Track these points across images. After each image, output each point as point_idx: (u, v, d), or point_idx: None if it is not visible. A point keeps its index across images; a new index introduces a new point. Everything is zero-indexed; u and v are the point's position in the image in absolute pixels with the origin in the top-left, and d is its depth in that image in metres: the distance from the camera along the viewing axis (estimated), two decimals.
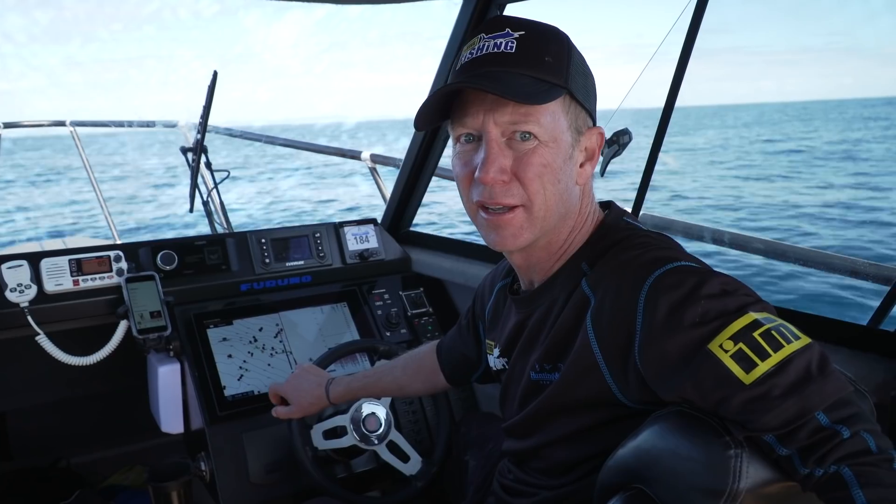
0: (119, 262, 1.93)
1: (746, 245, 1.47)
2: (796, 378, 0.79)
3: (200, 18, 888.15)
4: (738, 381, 0.80)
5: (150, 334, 1.85)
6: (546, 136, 0.98)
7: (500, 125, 0.99)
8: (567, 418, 1.05)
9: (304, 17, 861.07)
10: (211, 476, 1.78)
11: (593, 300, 0.99)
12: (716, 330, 0.84)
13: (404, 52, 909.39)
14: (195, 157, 2.54)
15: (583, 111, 1.03)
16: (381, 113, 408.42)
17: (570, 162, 1.02)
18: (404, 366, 1.59)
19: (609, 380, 0.97)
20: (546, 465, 1.12)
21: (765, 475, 0.79)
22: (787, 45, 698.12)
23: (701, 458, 0.81)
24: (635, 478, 0.89)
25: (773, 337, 0.82)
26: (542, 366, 1.08)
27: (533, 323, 1.12)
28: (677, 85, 1.50)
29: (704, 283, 0.88)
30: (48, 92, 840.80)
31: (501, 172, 0.99)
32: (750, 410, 0.79)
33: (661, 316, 0.88)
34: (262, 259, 2.12)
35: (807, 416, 0.77)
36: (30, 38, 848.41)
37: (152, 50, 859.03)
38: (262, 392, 1.91)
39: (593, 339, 0.97)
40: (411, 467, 1.75)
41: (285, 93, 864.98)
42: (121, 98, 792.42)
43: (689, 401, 0.86)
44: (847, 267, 1.32)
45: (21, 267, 1.81)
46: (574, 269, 1.06)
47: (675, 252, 0.98)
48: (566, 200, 1.03)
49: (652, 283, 0.91)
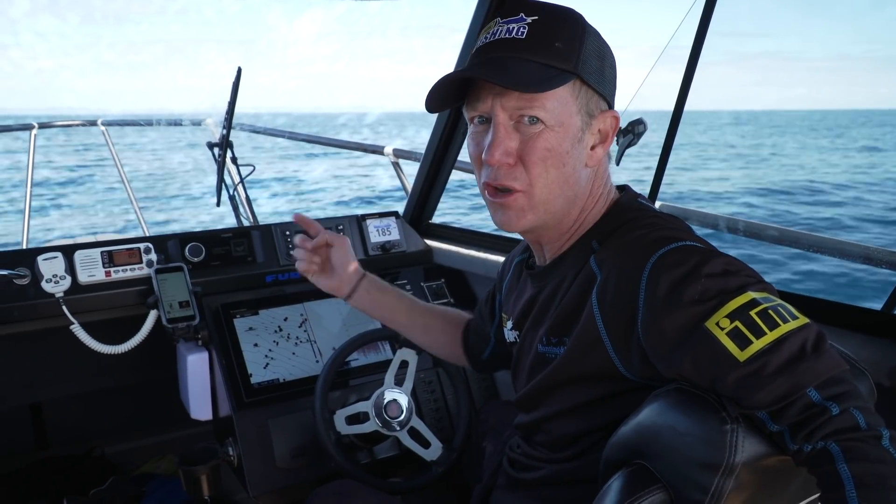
0: (149, 253, 1.98)
1: (761, 233, 1.48)
2: (789, 356, 0.81)
3: (224, 15, 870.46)
4: (732, 359, 0.82)
5: (179, 324, 1.90)
6: (552, 120, 1.01)
7: (507, 109, 1.01)
8: (571, 391, 1.08)
9: (324, 14, 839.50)
10: (238, 461, 1.82)
11: (599, 276, 1.02)
12: (714, 308, 0.86)
13: (423, 45, 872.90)
14: (221, 152, 2.60)
15: (595, 94, 1.05)
16: (402, 105, 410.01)
17: (580, 145, 1.04)
18: (426, 326, 1.56)
19: (612, 354, 0.99)
20: (550, 439, 1.15)
21: (760, 449, 0.81)
22: (826, 52, 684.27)
23: (698, 433, 0.83)
24: (637, 454, 0.92)
25: (770, 316, 0.83)
26: (548, 339, 1.11)
27: (544, 297, 1.14)
28: (689, 80, 1.51)
29: (707, 262, 0.90)
30: (78, 89, 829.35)
31: (506, 155, 1.02)
32: (743, 387, 0.81)
33: (662, 293, 0.90)
34: (287, 251, 2.16)
35: (798, 393, 0.79)
36: (61, 36, 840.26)
37: (178, 47, 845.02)
38: (287, 380, 1.96)
39: (598, 314, 1.00)
40: (432, 453, 1.78)
41: (308, 82, 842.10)
42: (148, 93, 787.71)
43: (687, 378, 0.88)
44: (860, 253, 1.33)
45: (56, 259, 1.88)
46: (584, 246, 1.08)
47: (682, 233, 0.99)
48: (572, 184, 1.05)
49: (655, 261, 0.93)
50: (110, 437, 2.50)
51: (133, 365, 2.00)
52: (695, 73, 1.52)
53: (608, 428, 1.01)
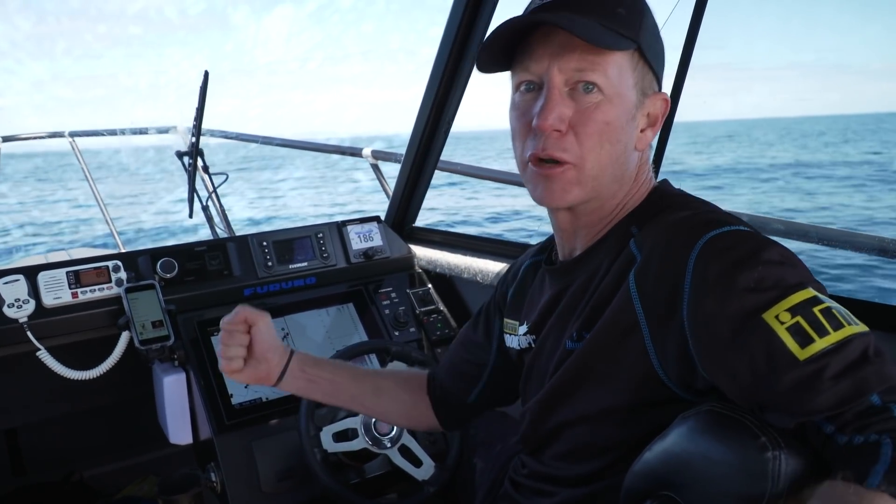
0: (118, 272, 1.89)
1: (765, 227, 1.42)
2: (853, 359, 0.73)
3: (187, 16, 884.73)
4: (791, 356, 0.74)
5: (153, 344, 1.81)
6: (611, 89, 0.93)
7: (564, 72, 0.93)
8: (595, 392, 0.98)
9: (295, 12, 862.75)
10: (222, 487, 1.74)
11: (639, 258, 0.93)
12: (773, 299, 0.77)
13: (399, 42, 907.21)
14: (191, 160, 2.49)
15: (650, 72, 0.99)
16: (371, 129, 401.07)
17: (632, 123, 0.97)
18: (380, 386, 1.35)
19: (648, 343, 0.90)
20: (567, 450, 1.04)
21: (805, 475, 0.73)
22: (777, 62, 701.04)
23: (735, 461, 0.75)
24: (663, 484, 0.83)
25: (834, 315, 0.76)
26: (580, 334, 1.00)
27: (572, 292, 1.04)
28: (678, 92, 1.45)
29: (763, 248, 0.82)
30: (34, 100, 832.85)
31: (560, 121, 0.93)
32: (800, 390, 0.73)
33: (714, 276, 0.82)
34: (265, 262, 2.07)
35: (861, 398, 0.71)
36: (12, 45, 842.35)
37: (139, 51, 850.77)
38: (269, 399, 1.87)
39: (636, 296, 0.91)
40: (424, 472, 1.70)
41: (278, 106, 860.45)
42: (112, 105, 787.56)
43: (726, 380, 0.80)
44: (874, 245, 1.27)
45: (18, 282, 1.77)
46: (622, 232, 1.00)
47: (732, 218, 0.91)
48: (622, 163, 0.98)
49: (706, 243, 0.85)
50: (88, 460, 2.41)
51: (107, 386, 1.91)
52: (683, 83, 1.47)
53: (631, 444, 0.92)
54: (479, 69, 1.02)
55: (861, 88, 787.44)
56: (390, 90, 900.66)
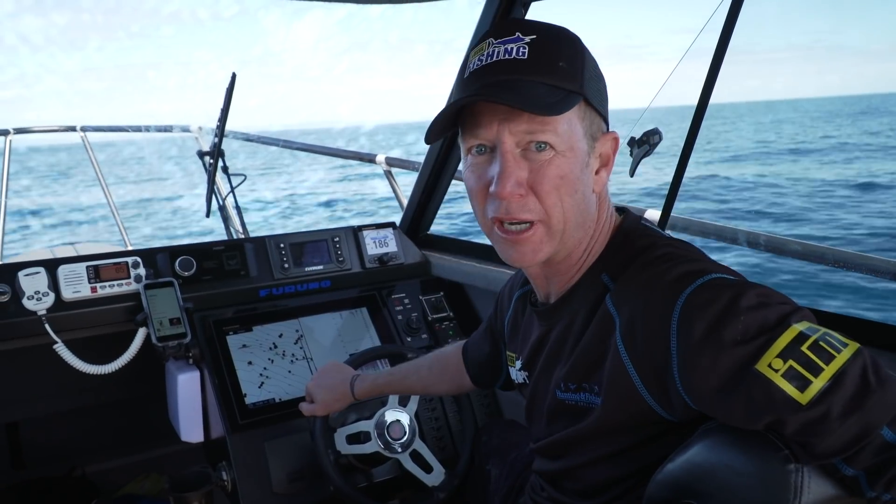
0: (137, 268, 1.90)
1: (783, 247, 1.43)
2: (854, 391, 0.75)
3: (220, 19, 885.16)
4: (793, 402, 0.75)
5: (170, 342, 1.82)
6: (563, 145, 0.94)
7: (515, 135, 0.93)
8: (605, 440, 1.00)
9: (324, 17, 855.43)
10: (233, 485, 1.75)
11: (618, 319, 0.94)
12: (761, 348, 0.79)
13: (424, 53, 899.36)
14: (212, 161, 2.52)
15: (598, 116, 0.99)
16: (399, 116, 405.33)
17: (587, 170, 0.98)
18: (430, 365, 1.58)
19: (651, 402, 0.91)
20: (582, 487, 1.07)
21: (828, 491, 0.75)
22: (774, 44, 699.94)
23: (758, 472, 0.77)
24: (686, 493, 0.85)
25: (822, 348, 0.77)
26: (566, 385, 1.03)
27: (554, 337, 1.07)
28: (711, 84, 1.45)
29: (741, 295, 0.83)
30: (65, 96, 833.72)
31: (518, 186, 0.93)
32: (810, 433, 0.75)
33: (699, 336, 0.83)
34: (281, 264, 2.09)
35: (871, 435, 0.73)
36: (47, 40, 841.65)
37: (171, 52, 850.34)
38: (283, 399, 1.88)
39: (627, 361, 0.92)
40: (434, 478, 1.71)
41: (304, 96, 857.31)
42: (138, 101, 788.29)
43: (740, 423, 0.81)
44: (891, 269, 1.27)
45: (38, 274, 1.79)
46: (594, 280, 1.01)
47: (702, 264, 0.92)
48: (584, 210, 0.99)
49: (685, 302, 0.86)
50: (90, 456, 2.41)
51: (118, 382, 1.92)
52: (720, 70, 1.45)
53: (647, 470, 0.93)
54: (426, 142, 1.03)
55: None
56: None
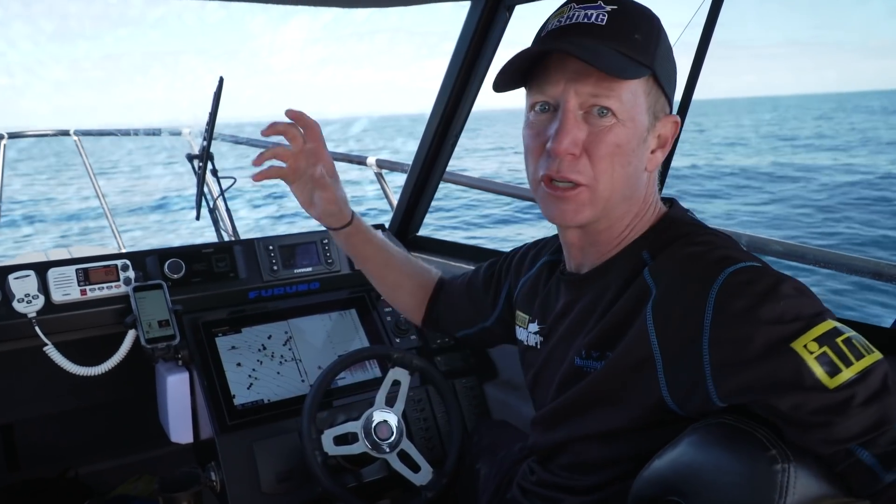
0: (126, 270, 1.91)
1: (765, 247, 1.45)
2: (876, 388, 0.78)
3: (206, 24, 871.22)
4: (820, 385, 0.78)
5: (159, 343, 1.82)
6: (624, 114, 0.96)
7: (580, 96, 0.96)
8: (602, 413, 1.01)
9: (310, 21, 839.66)
10: (222, 486, 1.75)
11: (654, 291, 0.96)
12: (799, 330, 0.82)
13: (411, 52, 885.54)
14: (201, 164, 2.52)
15: (663, 96, 1.01)
16: (387, 110, 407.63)
17: (644, 146, 1.00)
18: (410, 274, 1.61)
19: (660, 374, 0.93)
20: (575, 462, 1.08)
21: (814, 490, 0.76)
22: (775, 39, 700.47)
23: (745, 471, 0.78)
24: (672, 490, 0.86)
25: (855, 346, 0.81)
26: (588, 352, 1.03)
27: (582, 306, 1.08)
28: (693, 81, 1.47)
29: (780, 282, 0.87)
30: (53, 100, 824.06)
31: (573, 145, 0.96)
32: (833, 413, 0.78)
33: (738, 310, 0.85)
34: (270, 266, 2.10)
35: (887, 425, 0.77)
36: (35, 45, 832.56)
37: (158, 57, 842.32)
38: (272, 401, 1.89)
39: (652, 330, 0.93)
40: (422, 478, 1.72)
41: (293, 93, 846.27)
42: (126, 105, 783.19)
43: (754, 399, 0.83)
44: (870, 268, 1.30)
45: (28, 277, 1.80)
46: (633, 256, 1.03)
47: (744, 254, 0.95)
48: (633, 184, 1.01)
49: (725, 280, 0.88)
50: (84, 457, 2.41)
51: (109, 384, 1.93)
52: (702, 65, 1.47)
53: (637, 459, 0.95)
54: (494, 90, 1.05)
55: None
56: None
